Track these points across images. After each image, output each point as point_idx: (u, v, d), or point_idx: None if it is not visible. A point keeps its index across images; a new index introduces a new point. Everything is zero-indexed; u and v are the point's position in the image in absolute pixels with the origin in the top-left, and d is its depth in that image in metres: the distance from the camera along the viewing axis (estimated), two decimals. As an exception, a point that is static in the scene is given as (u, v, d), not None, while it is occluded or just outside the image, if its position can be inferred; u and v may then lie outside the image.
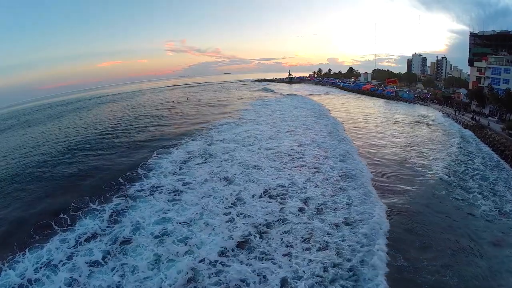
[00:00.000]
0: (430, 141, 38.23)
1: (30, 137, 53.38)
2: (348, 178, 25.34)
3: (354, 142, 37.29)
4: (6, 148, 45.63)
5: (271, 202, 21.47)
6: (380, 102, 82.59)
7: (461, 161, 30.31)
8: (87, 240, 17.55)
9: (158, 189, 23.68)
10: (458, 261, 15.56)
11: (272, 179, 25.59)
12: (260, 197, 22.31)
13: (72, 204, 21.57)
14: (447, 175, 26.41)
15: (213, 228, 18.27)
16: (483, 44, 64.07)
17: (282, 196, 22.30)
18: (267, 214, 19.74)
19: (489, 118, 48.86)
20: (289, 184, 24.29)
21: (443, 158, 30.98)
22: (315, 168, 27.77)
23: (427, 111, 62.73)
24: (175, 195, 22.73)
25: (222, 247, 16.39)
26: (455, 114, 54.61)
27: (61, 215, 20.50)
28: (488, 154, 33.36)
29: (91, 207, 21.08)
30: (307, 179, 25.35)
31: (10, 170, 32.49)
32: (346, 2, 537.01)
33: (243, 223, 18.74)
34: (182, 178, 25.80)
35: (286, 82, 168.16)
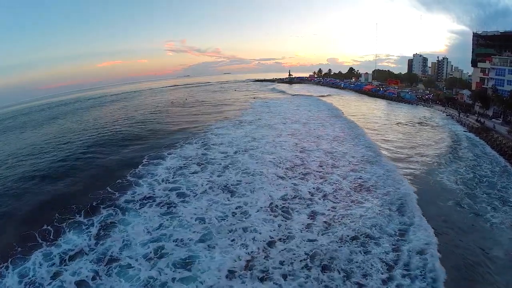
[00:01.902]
0: (434, 145, 37.01)
1: (20, 140, 51.99)
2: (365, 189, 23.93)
3: (362, 145, 35.87)
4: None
5: (277, 216, 19.80)
6: (382, 103, 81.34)
7: (468, 167, 29.11)
8: (72, 258, 16.30)
9: (150, 200, 22.06)
10: (471, 277, 14.51)
11: (277, 189, 23.77)
12: (266, 210, 20.53)
13: (57, 214, 20.29)
14: (454, 183, 25.22)
15: (216, 248, 16.58)
16: (486, 45, 62.81)
17: (288, 209, 20.69)
18: (273, 230, 18.14)
19: (493, 120, 47.71)
20: (293, 196, 22.57)
21: (448, 164, 29.81)
22: (322, 178, 26.00)
23: (430, 113, 61.48)
24: (169, 207, 21.03)
25: (229, 270, 14.89)
26: (459, 116, 53.36)
27: (45, 226, 19.35)
28: (495, 158, 32.15)
29: (77, 218, 19.78)
30: (316, 188, 23.83)
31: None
32: (346, 2, 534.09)
33: (250, 240, 17.18)
34: (177, 188, 24.06)
35: (286, 82, 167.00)
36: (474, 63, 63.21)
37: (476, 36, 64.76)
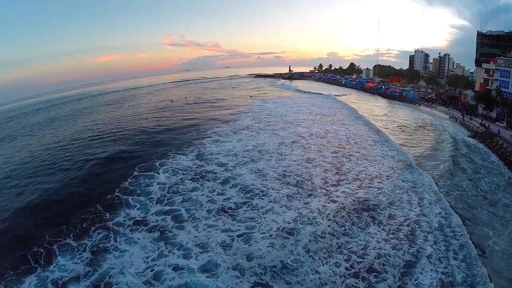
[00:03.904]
0: (435, 153, 36.07)
1: (5, 147, 49.81)
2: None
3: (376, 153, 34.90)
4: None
5: (285, 242, 18.71)
6: (384, 102, 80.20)
7: (470, 180, 28.36)
8: (66, 285, 15.96)
9: (143, 224, 20.92)
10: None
11: (284, 211, 22.28)
12: (273, 236, 19.32)
13: (47, 236, 19.64)
14: (454, 200, 24.44)
15: (218, 277, 16.03)
16: (490, 44, 61.41)
17: (296, 232, 19.64)
18: (284, 256, 17.34)
19: (497, 123, 46.78)
20: (304, 217, 21.31)
21: (449, 177, 28.78)
22: (325, 195, 24.94)
23: (433, 115, 60.15)
24: (165, 232, 19.96)
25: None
26: (463, 118, 52.28)
27: (36, 248, 18.75)
28: (499, 169, 31.33)
29: (67, 241, 19.11)
30: (322, 205, 23.06)
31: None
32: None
33: (256, 269, 16.52)
34: (172, 210, 22.51)
35: (287, 78, 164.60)
36: (478, 63, 61.89)
37: (480, 35, 63.28)
